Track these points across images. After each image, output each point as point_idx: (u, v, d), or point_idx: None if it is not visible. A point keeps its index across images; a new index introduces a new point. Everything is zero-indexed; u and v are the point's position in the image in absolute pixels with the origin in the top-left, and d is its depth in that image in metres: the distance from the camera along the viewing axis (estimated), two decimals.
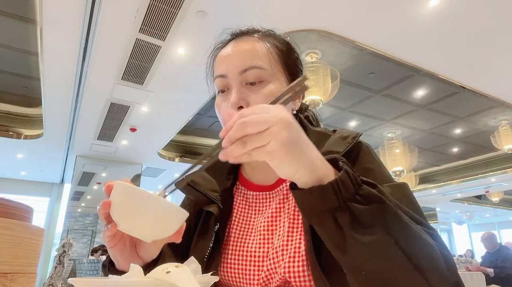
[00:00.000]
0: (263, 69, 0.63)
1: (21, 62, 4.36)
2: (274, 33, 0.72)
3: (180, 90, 4.48)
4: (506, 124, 5.82)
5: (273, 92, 0.63)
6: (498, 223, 15.29)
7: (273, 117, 0.42)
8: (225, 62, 0.66)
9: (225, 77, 0.65)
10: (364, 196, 0.43)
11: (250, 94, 0.63)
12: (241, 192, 0.73)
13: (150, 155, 7.09)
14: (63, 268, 3.90)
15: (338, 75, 4.09)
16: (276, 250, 0.60)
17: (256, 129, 0.41)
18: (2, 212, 0.61)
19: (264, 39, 0.68)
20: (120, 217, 0.47)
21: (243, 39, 0.68)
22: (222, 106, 0.66)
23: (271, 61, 0.65)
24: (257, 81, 0.63)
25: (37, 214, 7.36)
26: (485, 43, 3.58)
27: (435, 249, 0.46)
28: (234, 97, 0.62)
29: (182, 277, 0.37)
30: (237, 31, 0.71)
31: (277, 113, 0.43)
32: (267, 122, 0.42)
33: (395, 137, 6.60)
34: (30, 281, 0.63)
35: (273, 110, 0.43)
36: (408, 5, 3.07)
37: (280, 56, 0.68)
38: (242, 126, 0.42)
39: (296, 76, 0.71)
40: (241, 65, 0.63)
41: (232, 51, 0.66)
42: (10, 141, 6.16)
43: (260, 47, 0.66)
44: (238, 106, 0.61)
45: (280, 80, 0.65)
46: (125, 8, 3.09)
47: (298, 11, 3.12)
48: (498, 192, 9.70)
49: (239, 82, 0.63)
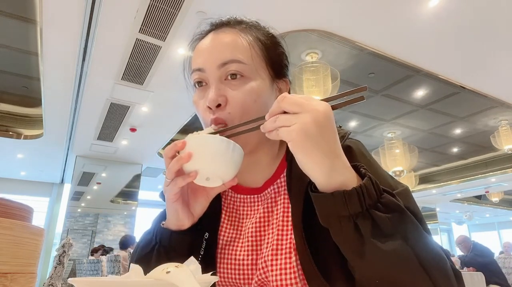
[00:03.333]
0: (244, 64, 0.58)
1: (21, 62, 4.36)
2: (258, 25, 0.66)
3: (180, 90, 4.48)
4: (506, 124, 5.82)
5: (254, 90, 0.58)
6: (498, 223, 15.29)
7: (309, 105, 0.44)
8: (203, 55, 0.61)
9: (203, 71, 0.60)
10: (385, 204, 0.43)
11: (229, 90, 0.58)
12: (229, 195, 0.69)
13: (150, 155, 7.09)
14: (63, 268, 3.90)
15: (338, 75, 4.09)
16: (265, 259, 0.58)
17: (289, 107, 0.44)
18: (2, 212, 0.61)
19: (246, 32, 0.63)
20: (201, 164, 0.52)
21: (223, 30, 0.63)
22: (200, 104, 0.61)
23: (252, 55, 0.60)
24: (237, 76, 0.58)
25: (37, 214, 7.36)
26: (485, 43, 3.58)
27: (443, 258, 0.45)
28: (212, 94, 0.57)
29: (182, 277, 0.37)
30: (218, 21, 0.66)
31: (316, 104, 0.45)
32: (301, 106, 0.44)
33: (395, 137, 6.60)
34: (30, 281, 0.63)
35: (315, 100, 0.45)
36: (408, 5, 3.07)
37: (263, 50, 0.62)
38: (281, 100, 0.45)
39: (281, 72, 0.65)
40: (220, 58, 0.58)
41: (210, 43, 0.61)
42: (10, 141, 6.16)
43: (242, 40, 0.61)
44: (216, 104, 0.57)
45: (262, 76, 0.60)
46: (125, 8, 3.09)
47: (298, 11, 3.12)
48: (498, 192, 9.71)
49: (218, 77, 0.59)
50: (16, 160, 7.63)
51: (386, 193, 0.44)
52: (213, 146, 0.52)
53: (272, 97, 0.63)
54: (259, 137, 0.61)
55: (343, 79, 4.38)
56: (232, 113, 0.57)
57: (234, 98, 0.57)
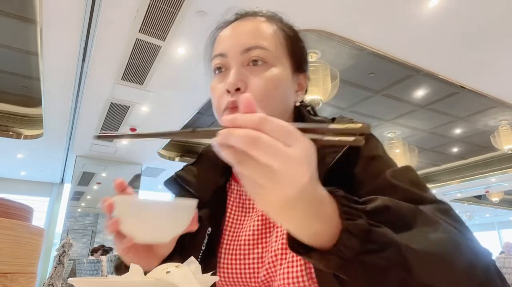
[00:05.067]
0: (267, 50, 0.57)
1: (21, 62, 4.36)
2: (282, 18, 0.67)
3: (180, 90, 4.48)
4: (506, 124, 5.82)
5: (276, 77, 0.57)
6: (498, 223, 15.29)
7: (290, 158, 0.31)
8: (226, 41, 0.60)
9: (225, 56, 0.59)
10: (375, 242, 0.37)
11: (250, 76, 0.57)
12: (235, 189, 0.67)
13: (150, 154, 7.09)
14: (63, 268, 3.90)
15: (337, 75, 4.09)
16: (275, 253, 0.56)
17: (261, 157, 0.31)
18: (2, 212, 0.61)
19: (271, 21, 0.63)
20: (133, 231, 0.47)
21: (248, 19, 0.63)
22: (217, 89, 0.59)
23: (276, 43, 0.59)
24: (260, 62, 0.57)
25: (37, 214, 7.35)
26: (485, 43, 3.58)
27: (460, 261, 0.38)
28: (232, 77, 0.56)
29: (182, 277, 0.37)
30: (243, 11, 0.65)
31: (299, 154, 0.31)
32: (278, 159, 0.30)
33: (395, 137, 6.60)
34: (30, 281, 0.63)
35: (297, 146, 0.32)
36: (408, 5, 3.07)
37: (287, 41, 0.62)
38: (251, 140, 0.30)
39: (302, 67, 0.65)
40: (244, 44, 0.58)
41: (234, 29, 0.61)
42: (10, 141, 6.16)
43: (266, 27, 0.60)
44: (235, 87, 0.55)
45: (284, 65, 0.60)
46: (125, 8, 3.09)
47: (298, 11, 3.12)
48: (498, 192, 9.70)
49: (240, 63, 0.57)
50: (16, 160, 7.63)
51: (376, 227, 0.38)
52: (139, 212, 0.46)
53: (292, 88, 0.62)
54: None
55: (343, 79, 4.38)
56: None
57: (255, 84, 0.56)
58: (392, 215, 0.40)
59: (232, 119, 0.32)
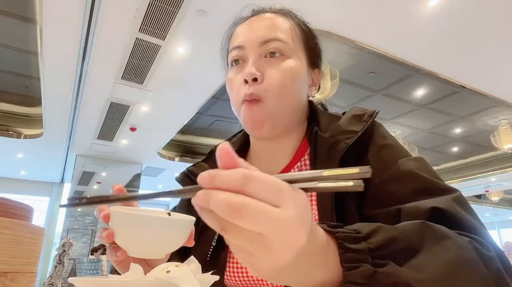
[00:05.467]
0: (285, 43, 0.60)
1: (21, 62, 4.36)
2: (297, 14, 0.70)
3: (180, 89, 4.48)
4: (506, 123, 5.81)
5: (293, 69, 0.59)
6: (498, 223, 15.28)
7: (281, 221, 0.27)
8: (244, 34, 0.62)
9: (243, 49, 0.60)
10: (382, 284, 0.35)
11: (267, 68, 0.58)
12: None
13: (150, 154, 7.09)
14: (63, 268, 3.90)
15: (337, 74, 4.09)
16: None
17: (249, 226, 0.26)
18: (2, 211, 0.61)
19: (288, 16, 0.66)
20: (128, 244, 0.46)
21: (264, 14, 0.65)
22: (235, 81, 0.61)
23: (293, 37, 0.62)
24: (277, 54, 0.59)
25: (37, 213, 7.33)
26: (485, 43, 3.57)
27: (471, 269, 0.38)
28: (250, 68, 0.57)
29: (182, 277, 0.37)
30: (260, 7, 0.68)
31: (291, 215, 0.27)
32: (267, 224, 0.26)
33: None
34: (30, 281, 0.63)
35: (288, 205, 0.27)
36: (408, 5, 3.07)
37: (303, 36, 0.64)
38: (232, 210, 0.26)
39: (316, 62, 0.67)
40: (262, 36, 0.59)
41: (253, 23, 0.63)
42: (10, 141, 6.16)
43: (283, 22, 0.63)
44: (253, 77, 0.57)
45: (301, 59, 0.62)
46: (125, 8, 3.09)
47: (298, 11, 3.12)
48: (498, 192, 9.70)
49: (258, 54, 0.59)
50: (16, 159, 7.63)
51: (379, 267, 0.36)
52: (136, 227, 0.44)
53: (307, 82, 0.64)
54: (291, 118, 0.61)
55: (343, 78, 4.38)
56: (268, 90, 0.57)
57: (272, 76, 0.58)
58: (399, 245, 0.37)
59: (211, 179, 0.27)
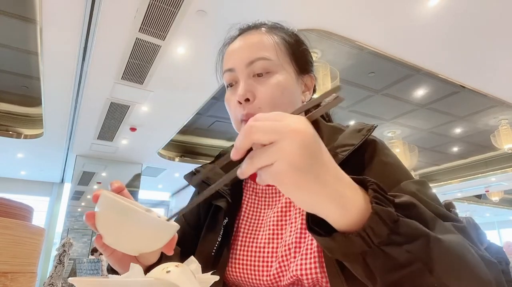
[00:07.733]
0: (270, 60, 0.63)
1: (21, 62, 4.36)
2: (282, 26, 0.73)
3: (180, 90, 4.48)
4: (506, 123, 5.81)
5: (281, 83, 0.62)
6: (498, 223, 15.28)
7: (285, 127, 0.34)
8: (232, 56, 0.66)
9: (233, 71, 0.65)
10: (403, 234, 0.36)
11: (257, 86, 0.62)
12: (251, 186, 0.72)
13: (150, 154, 7.09)
14: (63, 268, 3.90)
15: (337, 74, 4.09)
16: (288, 247, 0.59)
17: (262, 137, 0.34)
18: (2, 211, 0.61)
19: (271, 32, 0.68)
20: (104, 230, 0.46)
21: (250, 33, 0.68)
22: (231, 102, 0.65)
23: (277, 52, 0.65)
24: (264, 72, 0.63)
25: (37, 213, 7.33)
26: (484, 42, 3.57)
27: (478, 268, 0.40)
28: (241, 89, 0.62)
29: (182, 277, 0.37)
30: (245, 26, 0.71)
31: (292, 122, 0.35)
32: (275, 131, 0.34)
33: (395, 137, 6.60)
34: (30, 281, 0.63)
35: (288, 118, 0.35)
36: (408, 5, 3.07)
37: (288, 48, 0.67)
38: (248, 131, 0.35)
39: (306, 68, 0.70)
40: (248, 57, 0.63)
41: (239, 45, 0.66)
42: (10, 141, 6.16)
43: (267, 39, 0.66)
44: (245, 98, 0.61)
45: (288, 71, 0.65)
46: (125, 8, 3.09)
47: (298, 11, 3.12)
48: (498, 192, 9.70)
49: (247, 75, 0.63)
50: (16, 159, 7.63)
51: (405, 217, 0.38)
52: (117, 215, 0.43)
53: (298, 90, 0.67)
54: None
55: (343, 79, 4.38)
56: (262, 108, 0.61)
57: (262, 93, 0.61)
58: (417, 213, 0.41)
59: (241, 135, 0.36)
